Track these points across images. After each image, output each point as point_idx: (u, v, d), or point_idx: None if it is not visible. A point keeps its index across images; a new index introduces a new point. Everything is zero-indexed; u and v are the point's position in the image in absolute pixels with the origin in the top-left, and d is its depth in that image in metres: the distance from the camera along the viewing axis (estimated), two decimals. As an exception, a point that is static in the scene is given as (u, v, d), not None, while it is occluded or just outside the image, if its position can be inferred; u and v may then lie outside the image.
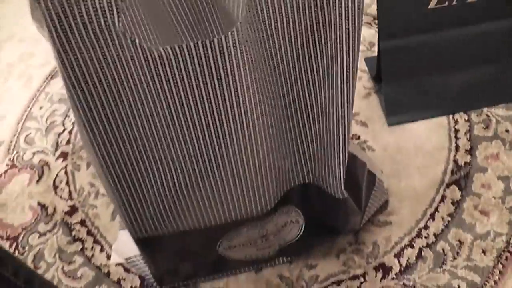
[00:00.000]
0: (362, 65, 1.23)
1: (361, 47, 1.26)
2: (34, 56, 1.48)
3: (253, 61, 0.60)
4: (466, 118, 1.10)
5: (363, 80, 1.20)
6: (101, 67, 0.57)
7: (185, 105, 0.60)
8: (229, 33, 0.55)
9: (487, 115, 1.10)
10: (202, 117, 0.62)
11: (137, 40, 0.55)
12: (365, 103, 1.15)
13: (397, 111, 1.11)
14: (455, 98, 1.12)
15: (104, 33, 0.54)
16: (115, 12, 0.53)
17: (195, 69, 0.57)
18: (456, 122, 1.10)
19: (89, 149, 0.66)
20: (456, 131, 1.08)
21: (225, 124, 0.63)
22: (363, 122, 1.12)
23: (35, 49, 1.50)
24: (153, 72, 0.57)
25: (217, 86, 0.59)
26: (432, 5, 1.03)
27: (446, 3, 1.03)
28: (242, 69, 0.58)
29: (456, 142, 1.06)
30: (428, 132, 1.09)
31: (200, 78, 0.58)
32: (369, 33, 1.29)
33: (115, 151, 0.65)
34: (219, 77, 0.58)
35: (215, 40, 0.55)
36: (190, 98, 0.60)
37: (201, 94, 0.59)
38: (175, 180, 0.70)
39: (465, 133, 1.08)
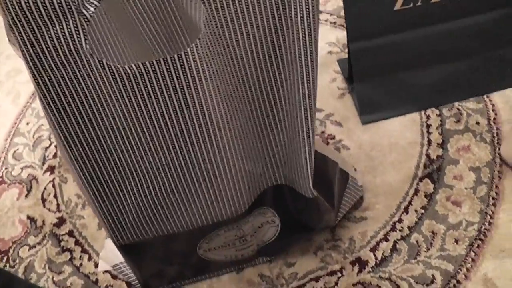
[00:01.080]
0: (336, 66, 1.26)
1: (335, 49, 1.30)
2: (21, 72, 1.51)
3: (215, 73, 0.63)
4: (438, 113, 1.13)
5: (337, 81, 1.23)
6: (73, 85, 0.61)
7: (153, 118, 0.64)
8: (189, 49, 0.58)
9: (458, 109, 1.13)
10: (171, 128, 0.65)
11: (104, 60, 0.58)
12: (340, 104, 1.19)
13: (371, 109, 1.15)
14: (427, 94, 1.16)
15: (74, 55, 0.58)
16: (82, 35, 0.57)
17: (159, 84, 0.60)
18: (428, 117, 1.13)
19: (68, 162, 0.69)
20: (428, 126, 1.12)
21: (192, 133, 0.66)
22: (338, 122, 1.16)
23: (21, 65, 1.52)
24: (121, 88, 0.61)
25: (181, 98, 0.62)
26: (397, 6, 1.07)
27: (411, 4, 1.07)
28: (204, 81, 0.61)
29: (428, 137, 1.10)
30: (402, 128, 1.12)
31: (165, 92, 0.61)
32: (342, 35, 1.32)
33: (92, 163, 0.69)
34: (182, 90, 0.61)
35: (176, 56, 0.58)
36: (158, 111, 0.63)
37: (167, 106, 0.63)
38: (151, 188, 0.73)
39: (437, 128, 1.11)
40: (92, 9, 0.56)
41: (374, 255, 0.95)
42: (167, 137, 0.66)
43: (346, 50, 1.28)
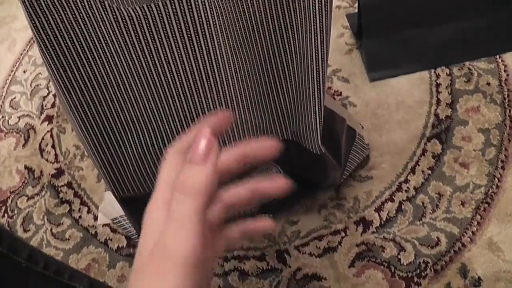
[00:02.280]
0: (344, 21, 1.22)
1: (343, 4, 1.26)
2: (17, 19, 1.47)
3: (225, 20, 0.60)
4: (448, 72, 1.10)
5: (345, 37, 1.20)
6: (72, 28, 0.57)
7: (157, 65, 0.61)
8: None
9: (469, 69, 1.10)
10: (176, 76, 0.62)
11: (106, 2, 0.55)
12: (347, 59, 1.16)
13: (379, 66, 1.11)
14: (437, 52, 1.12)
15: None
16: None
17: (165, 28, 0.57)
18: (437, 76, 1.10)
19: (66, 111, 0.66)
20: (438, 85, 1.09)
21: (198, 82, 0.63)
22: (345, 78, 1.13)
23: (17, 11, 1.48)
24: (124, 33, 0.57)
25: (188, 44, 0.59)
26: (411, -41, 1.03)
27: (426, -43, 1.03)
28: (212, 27, 0.58)
29: (437, 96, 1.07)
30: (410, 87, 1.09)
31: (171, 37, 0.58)
32: (351, -11, 1.28)
33: (92, 112, 0.66)
34: (189, 36, 0.58)
35: (184, -2, 0.55)
36: (162, 57, 0.60)
37: (173, 52, 0.60)
38: (153, 140, 0.71)
39: (446, 87, 1.08)
40: None
41: (379, 216, 0.93)
42: (171, 86, 0.63)
43: (355, 5, 1.24)
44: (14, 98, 1.27)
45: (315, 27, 0.62)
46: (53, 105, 1.22)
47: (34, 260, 0.61)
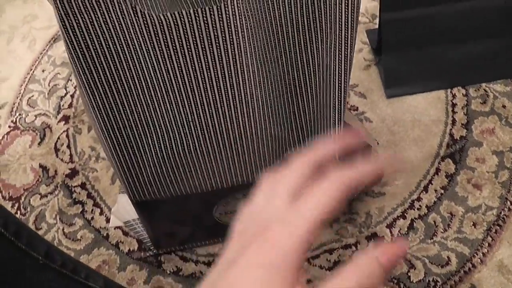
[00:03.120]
0: (363, 37, 1.23)
1: (363, 19, 1.26)
2: (37, 18, 1.48)
3: (252, 30, 0.60)
4: (464, 93, 1.11)
5: (363, 52, 1.20)
6: (102, 31, 0.58)
7: (184, 71, 0.62)
8: (229, 1, 0.56)
9: (485, 90, 1.11)
10: (201, 83, 0.63)
11: (137, 7, 0.56)
12: (365, 75, 1.16)
13: (396, 83, 1.12)
14: (454, 72, 1.13)
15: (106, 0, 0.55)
16: None
17: (194, 36, 0.58)
18: (454, 96, 1.11)
19: (89, 112, 0.67)
20: (454, 105, 1.09)
21: (222, 91, 0.64)
22: (362, 94, 1.13)
23: (39, 11, 1.50)
24: (153, 38, 0.58)
25: (215, 53, 0.60)
26: (433, -22, 1.04)
27: (448, -24, 1.03)
28: (240, 37, 0.59)
29: (453, 116, 1.07)
30: (426, 105, 1.10)
31: (199, 45, 0.59)
32: (371, 5, 1.29)
33: (115, 115, 0.66)
34: (217, 45, 0.59)
35: (215, 8, 0.56)
36: (189, 64, 0.61)
37: (200, 60, 0.60)
38: (173, 145, 0.71)
39: (462, 107, 1.08)
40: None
41: (390, 232, 0.93)
42: (196, 93, 0.64)
43: (375, 21, 1.25)
44: (32, 96, 1.28)
45: (340, 41, 0.63)
46: (70, 106, 1.23)
47: (52, 257, 0.62)
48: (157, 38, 0.58)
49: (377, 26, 1.18)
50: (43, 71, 1.33)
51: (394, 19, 1.07)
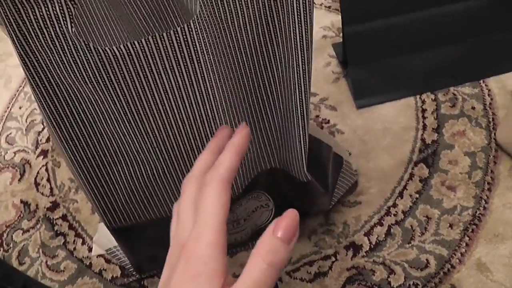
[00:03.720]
0: (330, 50, 1.25)
1: (330, 33, 1.29)
2: (12, 56, 1.50)
3: (209, 55, 0.62)
4: (433, 98, 1.13)
5: (332, 66, 1.23)
6: (60, 70, 0.59)
7: (143, 100, 0.63)
8: (183, 27, 0.57)
9: (454, 94, 1.13)
10: (162, 110, 0.64)
11: (91, 44, 0.57)
12: (334, 88, 1.18)
13: (365, 94, 1.14)
14: (422, 78, 1.15)
15: (60, 38, 0.56)
16: (68, 19, 0.55)
17: (149, 64, 0.59)
18: (423, 102, 1.13)
19: (57, 145, 0.68)
20: (423, 110, 1.11)
21: (183, 115, 0.65)
22: (332, 107, 1.15)
23: (12, 49, 1.51)
24: (109, 71, 0.59)
25: (172, 79, 0.61)
26: (392, -11, 1.06)
27: (406, -14, 1.06)
28: (195, 61, 0.60)
29: (423, 122, 1.09)
30: (396, 113, 1.12)
31: (155, 73, 0.60)
32: (337, 19, 1.31)
33: (83, 146, 0.68)
34: (172, 71, 0.60)
35: (165, 34, 0.57)
36: (148, 93, 0.62)
37: (158, 88, 0.62)
38: (143, 171, 0.73)
39: (432, 112, 1.10)
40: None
41: (368, 240, 0.95)
42: (158, 119, 0.65)
43: (341, 35, 1.27)
44: (10, 133, 1.29)
45: (297, 58, 0.65)
46: (48, 140, 1.24)
47: None
48: (113, 70, 0.59)
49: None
50: (20, 107, 1.35)
51: (357, 32, 1.09)
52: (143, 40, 0.57)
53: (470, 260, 0.89)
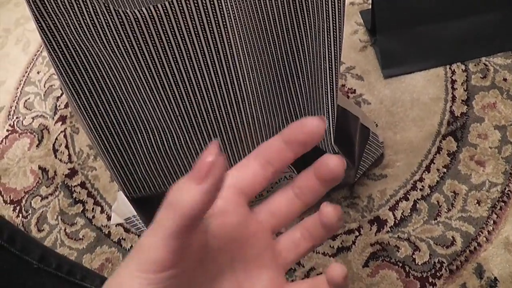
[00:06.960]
0: (358, 18, 1.21)
1: (357, 0, 1.24)
2: (30, 20, 1.47)
3: (236, 19, 0.59)
4: (464, 68, 1.09)
5: (359, 34, 1.18)
6: (78, 33, 0.57)
7: (165, 66, 0.60)
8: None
9: (485, 65, 1.08)
10: (185, 76, 0.62)
11: (111, 6, 0.54)
12: (361, 56, 1.14)
13: (393, 63, 1.10)
14: (452, 48, 1.11)
15: (78, 0, 0.54)
16: None
17: (173, 28, 0.56)
18: (453, 72, 1.08)
19: (76, 112, 0.66)
20: (453, 81, 1.07)
21: (208, 81, 0.63)
22: (359, 76, 1.11)
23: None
24: (130, 35, 0.57)
25: (196, 44, 0.58)
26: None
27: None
28: (222, 25, 0.57)
29: (452, 93, 1.05)
30: (425, 83, 1.08)
31: (179, 37, 0.57)
32: (365, -15, 1.27)
33: (102, 113, 0.65)
34: (199, 34, 0.57)
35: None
36: (171, 57, 0.59)
37: (182, 53, 0.59)
38: (164, 140, 0.70)
39: (462, 83, 1.06)
40: None
41: (393, 215, 0.92)
42: (181, 86, 0.63)
43: (368, 1, 1.23)
44: (28, 99, 1.28)
45: (328, 25, 0.61)
46: (66, 106, 1.23)
47: (47, 261, 0.61)
48: (135, 35, 0.57)
49: (370, 7, 1.16)
50: (38, 72, 1.33)
51: (386, -1, 1.05)
52: (166, 2, 0.54)
53: (498, 239, 0.87)
